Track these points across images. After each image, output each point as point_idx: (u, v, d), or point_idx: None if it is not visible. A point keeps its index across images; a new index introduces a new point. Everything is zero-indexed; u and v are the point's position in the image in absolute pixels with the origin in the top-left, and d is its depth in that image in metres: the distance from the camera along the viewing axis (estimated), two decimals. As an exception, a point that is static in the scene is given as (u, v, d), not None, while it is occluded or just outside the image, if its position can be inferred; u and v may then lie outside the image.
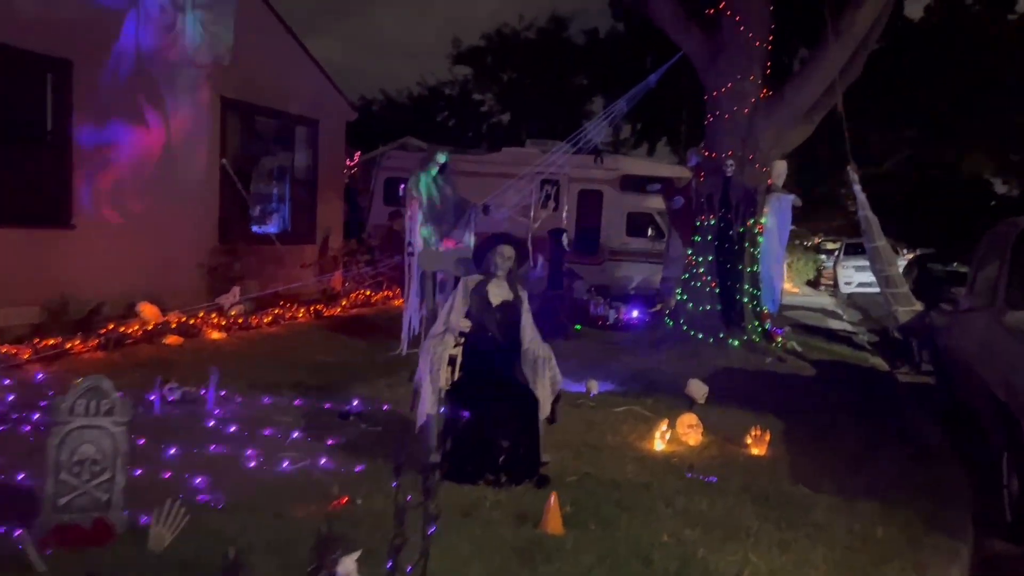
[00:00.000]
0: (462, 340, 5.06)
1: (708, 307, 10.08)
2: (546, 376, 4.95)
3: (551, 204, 11.45)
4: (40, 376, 6.68)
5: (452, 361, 4.98)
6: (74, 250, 8.78)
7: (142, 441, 5.15)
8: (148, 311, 9.03)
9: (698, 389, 7.02)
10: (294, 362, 8.09)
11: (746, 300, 10.11)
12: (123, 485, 3.67)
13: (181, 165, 10.35)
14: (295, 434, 5.56)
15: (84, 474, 3.58)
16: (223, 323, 9.39)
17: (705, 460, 5.65)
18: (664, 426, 5.92)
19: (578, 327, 11.74)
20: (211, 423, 5.71)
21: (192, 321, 9.01)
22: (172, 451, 5.02)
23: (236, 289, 10.26)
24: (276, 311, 10.40)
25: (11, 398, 6.00)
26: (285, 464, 4.91)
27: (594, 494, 4.68)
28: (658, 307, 12.68)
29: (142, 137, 9.71)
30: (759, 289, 10.36)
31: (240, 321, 9.66)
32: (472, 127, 42.09)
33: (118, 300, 8.99)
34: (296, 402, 6.50)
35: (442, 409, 4.82)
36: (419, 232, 8.90)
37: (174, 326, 8.64)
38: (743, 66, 9.77)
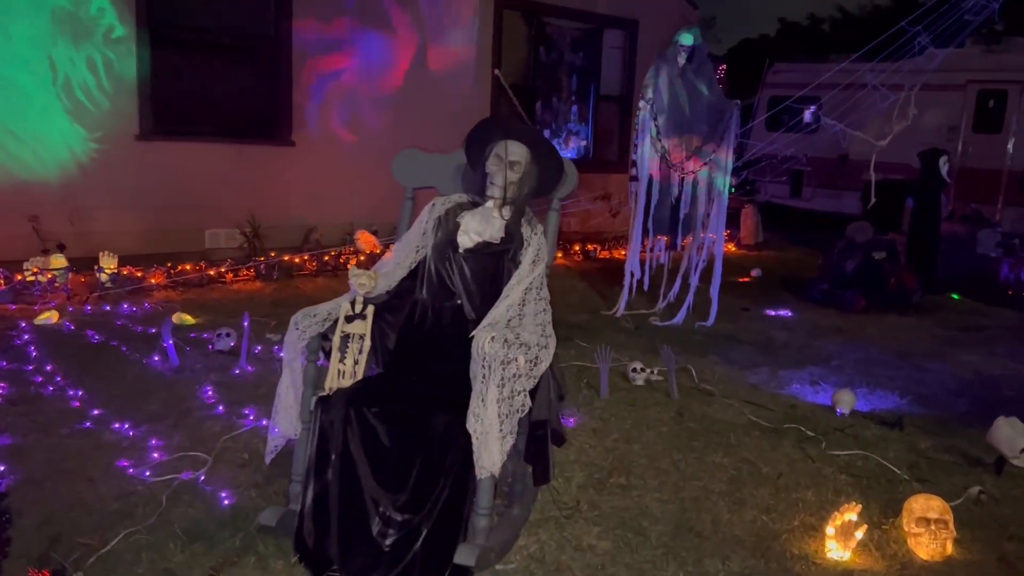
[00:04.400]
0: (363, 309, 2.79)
1: None
2: (490, 392, 2.47)
3: (911, 112, 7.73)
4: (144, 307, 5.97)
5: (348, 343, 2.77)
6: (293, 170, 8.08)
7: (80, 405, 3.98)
8: (365, 240, 8.02)
9: (1013, 437, 3.64)
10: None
11: None
12: None
13: (438, 77, 9.07)
14: (263, 422, 3.86)
15: None
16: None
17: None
18: (851, 514, 2.91)
19: (955, 296, 8.00)
20: (207, 389, 4.28)
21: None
22: (85, 422, 3.72)
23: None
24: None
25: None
26: (146, 474, 3.26)
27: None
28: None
29: (385, 46, 8.61)
30: None
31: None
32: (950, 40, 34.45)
33: (339, 226, 8.14)
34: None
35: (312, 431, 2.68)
36: (649, 146, 6.37)
37: (363, 258, 7.46)
38: None
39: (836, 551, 2.87)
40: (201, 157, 7.55)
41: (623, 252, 8.59)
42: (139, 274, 6.26)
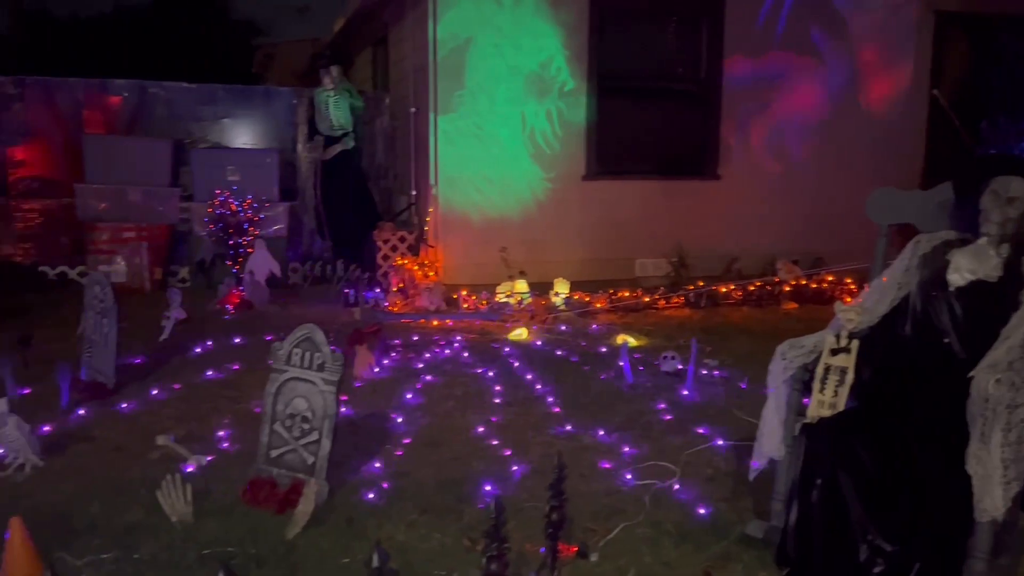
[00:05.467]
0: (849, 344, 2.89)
1: None
2: (994, 436, 2.45)
3: None
4: (592, 328, 6.65)
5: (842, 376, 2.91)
6: (717, 203, 8.40)
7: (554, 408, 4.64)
8: (788, 270, 8.04)
9: None
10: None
11: None
12: (328, 451, 3.31)
13: (867, 102, 8.77)
14: (719, 441, 4.14)
15: (295, 430, 3.36)
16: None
17: None
18: None
19: None
20: (660, 406, 4.71)
21: (824, 286, 7.65)
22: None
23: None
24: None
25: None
26: (626, 476, 3.71)
27: None
28: None
29: (813, 76, 8.56)
30: None
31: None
32: None
33: (760, 256, 8.26)
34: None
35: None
36: None
37: (786, 289, 7.47)
38: None
39: None
40: (633, 193, 8.22)
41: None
42: (587, 299, 7.04)
